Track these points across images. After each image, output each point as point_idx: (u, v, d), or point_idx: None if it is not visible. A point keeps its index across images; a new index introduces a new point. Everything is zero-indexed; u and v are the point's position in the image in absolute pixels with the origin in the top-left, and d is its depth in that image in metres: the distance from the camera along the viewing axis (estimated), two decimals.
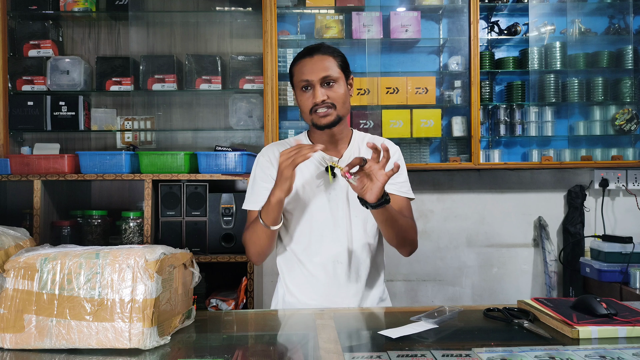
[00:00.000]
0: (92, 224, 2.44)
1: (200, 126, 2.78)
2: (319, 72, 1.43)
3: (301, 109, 1.49)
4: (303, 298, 1.52)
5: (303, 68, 1.45)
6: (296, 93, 1.49)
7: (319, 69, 1.43)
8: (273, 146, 1.59)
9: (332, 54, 1.47)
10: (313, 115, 1.45)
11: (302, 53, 1.48)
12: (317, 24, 2.69)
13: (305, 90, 1.45)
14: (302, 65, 1.46)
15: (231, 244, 2.33)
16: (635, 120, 2.67)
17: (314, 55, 1.45)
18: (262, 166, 1.55)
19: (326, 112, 1.44)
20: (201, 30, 2.80)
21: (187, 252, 1.22)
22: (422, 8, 2.73)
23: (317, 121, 1.46)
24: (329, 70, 1.43)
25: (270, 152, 1.56)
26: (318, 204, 1.49)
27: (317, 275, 1.50)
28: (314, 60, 1.44)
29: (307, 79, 1.43)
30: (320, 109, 1.43)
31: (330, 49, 1.48)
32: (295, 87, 1.50)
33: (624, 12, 2.77)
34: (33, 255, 1.07)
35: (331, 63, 1.45)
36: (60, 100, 2.62)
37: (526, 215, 2.90)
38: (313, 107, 1.44)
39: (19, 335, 1.03)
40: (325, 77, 1.43)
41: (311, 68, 1.43)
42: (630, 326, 1.09)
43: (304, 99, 1.46)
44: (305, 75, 1.44)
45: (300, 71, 1.46)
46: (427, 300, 2.89)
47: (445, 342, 1.08)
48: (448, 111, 2.77)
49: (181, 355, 1.02)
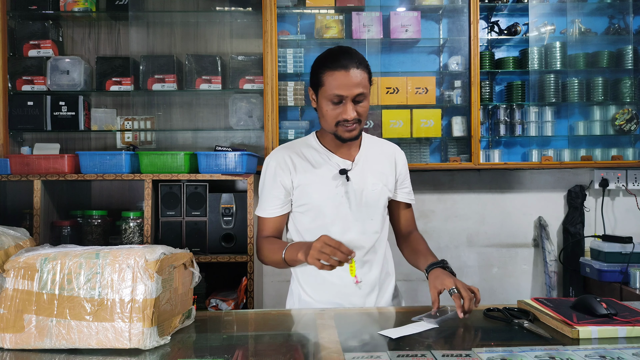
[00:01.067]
0: (92, 224, 2.44)
1: (200, 126, 2.78)
2: (353, 89, 1.39)
3: (325, 118, 1.45)
4: (319, 297, 1.52)
5: (337, 81, 1.39)
6: (321, 101, 1.44)
7: (354, 86, 1.39)
8: (283, 149, 1.56)
9: (365, 68, 1.43)
10: (338, 128, 1.44)
11: (335, 61, 1.40)
12: (317, 24, 2.69)
13: (335, 103, 1.41)
14: (336, 77, 1.39)
15: (231, 244, 2.33)
16: (635, 120, 2.67)
17: (349, 69, 1.38)
18: (271, 172, 1.53)
19: (352, 127, 1.43)
20: (201, 30, 2.80)
21: (187, 252, 1.22)
22: (422, 8, 2.73)
23: (341, 134, 1.44)
24: (362, 87, 1.40)
25: (280, 157, 1.53)
26: (332, 205, 1.49)
27: (330, 276, 1.49)
28: (350, 76, 1.38)
29: (341, 94, 1.39)
30: (347, 124, 1.42)
31: (363, 62, 1.43)
32: (320, 95, 1.44)
33: (624, 12, 2.77)
34: (33, 255, 1.07)
35: (364, 79, 1.41)
36: (60, 100, 2.62)
37: (526, 215, 2.90)
38: (340, 122, 1.42)
39: (19, 335, 1.03)
40: (359, 94, 1.40)
41: (347, 84, 1.38)
42: (630, 326, 1.09)
43: (331, 110, 1.42)
44: (340, 91, 1.39)
45: (333, 84, 1.39)
46: (427, 300, 2.85)
47: (445, 342, 1.08)
48: (448, 111, 2.77)
49: (181, 355, 1.02)
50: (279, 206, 1.53)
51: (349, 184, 1.49)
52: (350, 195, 1.49)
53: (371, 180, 1.52)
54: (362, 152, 1.55)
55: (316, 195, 1.49)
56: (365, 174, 1.52)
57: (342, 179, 1.49)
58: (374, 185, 1.52)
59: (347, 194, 1.49)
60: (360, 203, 1.50)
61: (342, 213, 1.49)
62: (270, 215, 1.54)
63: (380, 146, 1.61)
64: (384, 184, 1.54)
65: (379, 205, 1.54)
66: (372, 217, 1.52)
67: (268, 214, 1.54)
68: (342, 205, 1.49)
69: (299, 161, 1.52)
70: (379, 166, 1.55)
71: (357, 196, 1.50)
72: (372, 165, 1.54)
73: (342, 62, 1.39)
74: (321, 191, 1.49)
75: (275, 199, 1.53)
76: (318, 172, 1.50)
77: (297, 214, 1.54)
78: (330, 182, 1.49)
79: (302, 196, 1.51)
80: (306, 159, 1.52)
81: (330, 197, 1.49)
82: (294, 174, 1.51)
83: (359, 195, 1.50)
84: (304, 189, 1.50)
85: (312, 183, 1.49)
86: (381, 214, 1.55)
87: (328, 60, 1.42)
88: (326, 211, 1.49)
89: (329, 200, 1.49)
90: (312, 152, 1.54)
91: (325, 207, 1.49)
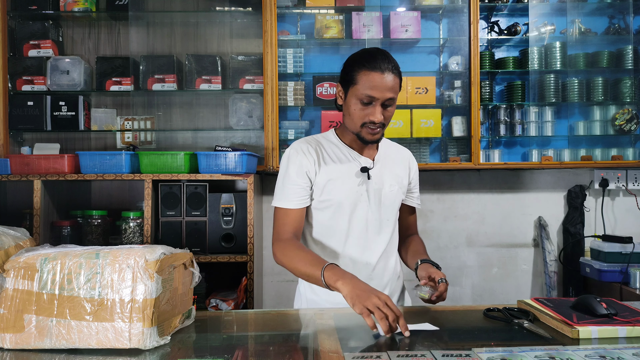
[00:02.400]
0: (92, 224, 2.44)
1: (200, 126, 2.78)
2: (385, 93, 1.39)
3: (351, 117, 1.44)
4: (328, 297, 1.50)
5: (372, 82, 1.38)
6: (350, 99, 1.44)
7: (387, 90, 1.39)
8: (305, 142, 1.53)
9: (398, 73, 1.43)
10: (362, 129, 1.44)
11: (372, 62, 1.40)
12: (317, 24, 2.69)
13: (364, 103, 1.41)
14: (371, 78, 1.38)
15: (231, 244, 2.33)
16: (635, 120, 2.67)
17: (384, 71, 1.38)
18: (297, 161, 1.48)
19: (376, 131, 1.44)
20: (201, 30, 2.80)
21: (187, 252, 1.22)
22: (422, 8, 2.73)
23: (365, 136, 1.45)
24: (394, 92, 1.41)
25: (305, 147, 1.50)
26: (352, 203, 1.49)
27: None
28: (385, 79, 1.38)
29: (373, 96, 1.39)
30: (372, 126, 1.42)
31: (398, 68, 1.43)
32: (350, 93, 1.43)
33: (624, 12, 2.77)
34: (33, 255, 1.07)
35: (396, 84, 1.42)
36: (60, 100, 2.62)
37: (526, 215, 2.90)
38: (366, 123, 1.42)
39: (19, 335, 1.03)
40: (389, 98, 1.40)
41: (381, 86, 1.38)
42: (630, 326, 1.10)
43: (359, 111, 1.42)
44: (373, 92, 1.38)
45: (367, 85, 1.38)
46: None
47: (445, 342, 1.08)
48: (448, 111, 2.77)
49: (181, 355, 1.02)
50: (304, 197, 1.48)
51: (370, 182, 1.50)
52: (370, 194, 1.50)
53: (389, 181, 1.54)
54: (380, 152, 1.57)
55: (338, 191, 1.48)
56: (384, 174, 1.54)
57: (364, 176, 1.50)
58: (392, 186, 1.54)
59: (367, 192, 1.50)
60: (378, 202, 1.51)
61: (360, 211, 1.50)
62: (296, 207, 1.47)
63: (396, 149, 1.64)
64: (399, 186, 1.56)
65: (395, 206, 1.56)
66: (388, 217, 1.54)
67: (294, 205, 1.47)
68: (362, 203, 1.50)
69: (323, 155, 1.51)
70: (395, 168, 1.57)
71: (376, 195, 1.51)
72: (390, 166, 1.56)
73: (379, 63, 1.39)
74: (344, 187, 1.49)
75: (301, 190, 1.48)
76: (341, 168, 1.50)
77: (317, 210, 1.52)
78: (353, 179, 1.50)
79: (324, 191, 1.48)
80: (329, 153, 1.52)
81: (352, 194, 1.49)
82: (319, 166, 1.48)
83: (377, 195, 1.51)
84: (327, 184, 1.48)
85: (336, 178, 1.48)
86: (395, 214, 1.57)
87: (365, 59, 1.41)
88: (346, 208, 1.49)
89: (350, 198, 1.49)
90: (334, 149, 1.53)
91: (346, 204, 1.49)
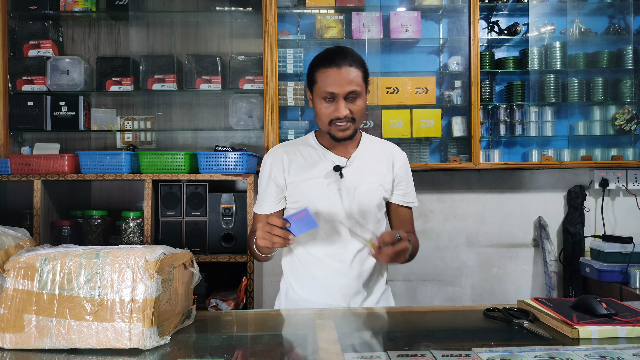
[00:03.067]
0: (92, 224, 2.44)
1: (200, 126, 2.78)
2: (345, 86, 1.39)
3: (319, 117, 1.46)
4: (305, 295, 1.53)
5: (329, 79, 1.39)
6: (315, 99, 1.46)
7: (346, 83, 1.39)
8: (279, 147, 1.58)
9: (358, 65, 1.42)
10: (331, 127, 1.44)
11: (328, 59, 1.41)
12: (317, 24, 2.69)
13: (327, 100, 1.42)
14: (328, 74, 1.40)
15: (231, 244, 2.33)
16: (635, 120, 2.67)
17: (341, 66, 1.39)
18: (267, 170, 1.55)
19: (345, 127, 1.43)
20: (201, 30, 2.80)
21: (187, 252, 1.22)
22: (422, 8, 2.73)
23: (335, 133, 1.45)
24: (355, 84, 1.40)
25: (276, 154, 1.55)
26: (325, 202, 1.49)
27: (319, 273, 1.50)
28: (342, 73, 1.39)
29: (332, 91, 1.40)
30: (340, 123, 1.42)
31: (357, 60, 1.43)
32: (314, 93, 1.46)
33: (624, 12, 2.77)
34: (33, 255, 1.07)
35: (357, 76, 1.41)
36: (60, 100, 2.62)
37: (526, 215, 2.90)
38: (333, 120, 1.42)
39: (19, 335, 1.03)
40: (351, 91, 1.40)
41: (338, 80, 1.39)
42: (630, 326, 1.09)
43: (324, 109, 1.43)
44: (331, 88, 1.39)
45: (325, 81, 1.40)
46: (427, 301, 2.89)
47: (445, 342, 1.08)
48: (448, 111, 2.77)
49: (181, 355, 1.02)
50: (274, 203, 1.55)
51: (342, 181, 1.49)
52: (343, 193, 1.49)
53: (367, 178, 1.51)
54: (359, 150, 1.55)
55: (308, 192, 1.50)
56: (361, 172, 1.51)
57: (336, 176, 1.49)
58: (369, 184, 1.51)
59: (339, 191, 1.49)
60: (353, 201, 1.49)
61: (334, 210, 1.49)
62: (267, 212, 1.56)
63: (381, 145, 1.60)
64: (380, 184, 1.52)
65: (372, 204, 1.51)
66: (364, 216, 1.50)
67: (265, 210, 1.56)
68: (335, 202, 1.48)
69: (294, 159, 1.53)
70: (375, 164, 1.54)
71: (350, 194, 1.49)
72: (369, 163, 1.53)
73: (334, 60, 1.41)
74: (313, 188, 1.49)
75: (271, 196, 1.55)
76: (312, 169, 1.51)
77: (291, 210, 1.54)
78: (323, 178, 1.50)
79: (294, 193, 1.52)
80: (302, 156, 1.54)
81: (323, 194, 1.49)
82: (287, 171, 1.53)
83: (352, 193, 1.49)
84: (297, 185, 1.51)
85: (306, 180, 1.50)
86: (374, 213, 1.52)
87: (322, 58, 1.44)
88: (319, 208, 1.49)
89: (321, 198, 1.49)
90: (309, 150, 1.55)
91: (318, 204, 1.49)
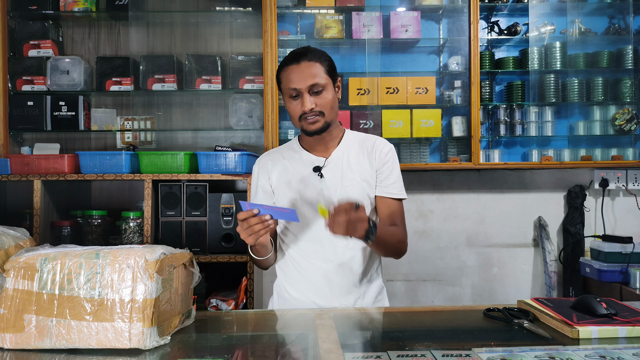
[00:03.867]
0: (92, 224, 2.44)
1: (200, 126, 2.78)
2: (306, 80, 1.41)
3: (290, 116, 1.50)
4: (297, 295, 1.54)
5: (290, 75, 1.43)
6: (284, 99, 1.49)
7: (307, 77, 1.41)
8: (266, 155, 1.63)
9: (318, 59, 1.45)
10: (302, 122, 1.46)
11: (288, 59, 1.46)
12: (317, 24, 2.69)
13: (293, 98, 1.45)
14: (288, 72, 1.44)
15: (231, 244, 2.33)
16: (635, 120, 2.67)
17: (300, 62, 1.42)
18: (255, 177, 1.61)
19: (315, 119, 1.44)
20: (201, 30, 2.80)
21: (187, 252, 1.22)
22: (422, 8, 2.73)
23: (306, 127, 1.46)
24: (317, 77, 1.42)
25: (262, 162, 1.60)
26: (305, 205, 1.50)
27: (309, 274, 1.51)
28: (301, 68, 1.42)
29: (294, 87, 1.42)
30: (309, 117, 1.44)
31: (317, 54, 1.46)
32: (283, 94, 1.49)
33: (624, 12, 2.77)
34: (33, 255, 1.07)
35: (318, 69, 1.43)
36: (60, 100, 2.62)
37: (526, 215, 2.90)
38: (302, 115, 1.44)
39: (19, 335, 1.03)
40: (313, 85, 1.42)
41: (299, 76, 1.42)
42: (630, 326, 1.09)
43: (293, 107, 1.46)
44: (293, 84, 1.42)
45: (287, 79, 1.44)
46: (427, 300, 2.89)
47: (445, 342, 1.08)
48: (448, 111, 2.77)
49: (181, 355, 1.02)
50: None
51: (323, 181, 1.50)
52: (324, 192, 1.49)
53: (348, 175, 1.51)
54: (339, 147, 1.55)
55: (291, 194, 1.51)
56: (342, 170, 1.51)
57: (316, 176, 1.50)
58: (351, 181, 1.50)
59: (321, 191, 1.50)
60: (335, 200, 1.48)
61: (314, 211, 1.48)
62: None
63: (361, 139, 1.58)
64: (362, 179, 1.51)
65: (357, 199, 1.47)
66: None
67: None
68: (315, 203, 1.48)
69: (277, 163, 1.57)
70: (356, 160, 1.53)
71: (331, 192, 1.49)
72: (349, 159, 1.53)
73: (294, 57, 1.45)
74: (295, 190, 1.51)
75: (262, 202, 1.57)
76: (293, 171, 1.53)
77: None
78: (303, 180, 1.51)
79: (279, 197, 1.54)
80: (284, 160, 1.57)
81: (305, 195, 1.50)
82: (271, 176, 1.56)
83: (333, 192, 1.49)
84: (281, 189, 1.53)
85: (288, 183, 1.52)
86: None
87: (284, 59, 1.48)
88: (302, 209, 1.50)
89: (303, 199, 1.50)
90: (291, 153, 1.58)
91: (301, 206, 1.50)
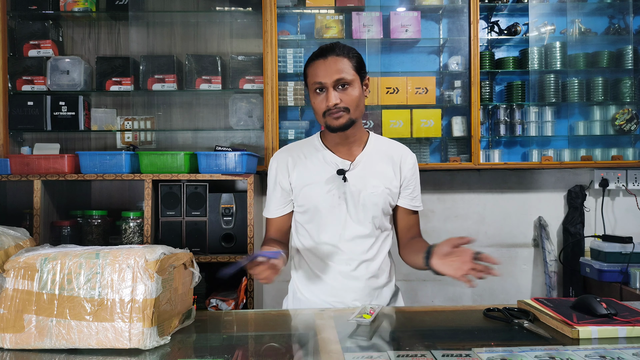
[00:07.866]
0: (92, 224, 2.44)
1: (200, 126, 2.78)
2: (332, 75, 1.39)
3: (314, 111, 1.46)
4: (312, 297, 1.53)
5: (316, 70, 1.41)
6: (310, 94, 1.47)
7: (333, 72, 1.39)
8: (284, 150, 1.58)
9: (346, 54, 1.42)
10: (326, 118, 1.43)
11: (316, 53, 1.44)
12: (317, 24, 2.69)
13: (318, 92, 1.42)
14: (315, 66, 1.42)
15: (231, 244, 2.33)
16: (635, 120, 2.67)
17: (327, 56, 1.40)
18: (273, 173, 1.56)
19: (338, 115, 1.41)
20: (201, 30, 2.80)
21: (187, 252, 1.22)
22: (422, 8, 2.73)
23: (330, 123, 1.43)
24: (343, 72, 1.40)
25: (281, 157, 1.55)
26: (329, 206, 1.48)
27: (325, 276, 1.50)
28: (328, 62, 1.40)
29: (320, 81, 1.40)
30: (333, 112, 1.41)
31: (345, 50, 1.44)
32: (308, 89, 1.47)
33: (624, 12, 2.77)
34: (33, 255, 1.07)
35: (345, 65, 1.41)
36: (60, 100, 2.62)
37: (526, 215, 2.90)
38: (326, 111, 1.42)
39: (19, 335, 1.03)
40: (338, 79, 1.39)
41: (325, 70, 1.39)
42: (630, 326, 1.09)
43: (317, 102, 1.43)
44: (319, 78, 1.40)
45: (313, 73, 1.42)
46: (427, 300, 2.89)
47: (445, 342, 1.08)
48: (448, 111, 2.77)
49: (181, 355, 1.02)
50: (280, 206, 1.55)
51: (347, 185, 1.47)
52: (347, 197, 1.47)
53: (372, 182, 1.48)
54: (365, 152, 1.52)
55: (312, 196, 1.48)
56: (366, 175, 1.48)
57: (339, 179, 1.47)
58: (375, 188, 1.48)
59: (344, 195, 1.47)
60: (357, 205, 1.47)
61: (338, 214, 1.47)
62: (273, 216, 1.56)
63: (388, 147, 1.55)
64: (385, 187, 1.49)
65: (378, 207, 1.48)
66: (370, 220, 1.48)
67: (271, 215, 1.57)
68: (340, 207, 1.47)
69: (298, 161, 1.52)
70: (382, 167, 1.51)
71: (354, 198, 1.47)
72: (375, 166, 1.50)
73: (322, 52, 1.43)
74: (317, 192, 1.48)
75: (278, 200, 1.55)
76: (316, 172, 1.49)
77: (297, 213, 1.55)
78: (327, 182, 1.48)
79: (299, 197, 1.51)
80: (306, 159, 1.52)
81: (327, 198, 1.47)
82: (292, 174, 1.52)
83: (356, 197, 1.47)
84: (301, 189, 1.50)
85: (310, 183, 1.49)
86: (379, 217, 1.50)
87: (312, 54, 1.46)
88: (323, 212, 1.48)
89: (326, 202, 1.47)
90: (313, 152, 1.53)
91: (322, 208, 1.47)
